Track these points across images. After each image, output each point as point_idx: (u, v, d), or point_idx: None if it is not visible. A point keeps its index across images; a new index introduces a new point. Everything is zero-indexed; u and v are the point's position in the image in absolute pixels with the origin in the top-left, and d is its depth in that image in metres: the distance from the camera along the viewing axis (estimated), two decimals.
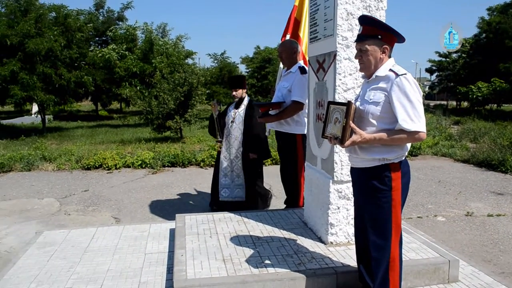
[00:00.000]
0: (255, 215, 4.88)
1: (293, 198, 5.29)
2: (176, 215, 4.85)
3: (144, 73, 19.99)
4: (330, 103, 2.99)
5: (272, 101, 5.30)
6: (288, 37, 5.82)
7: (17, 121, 24.57)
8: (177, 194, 7.17)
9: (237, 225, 4.55)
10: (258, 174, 5.80)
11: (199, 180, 8.18)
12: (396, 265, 2.91)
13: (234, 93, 5.78)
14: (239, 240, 4.13)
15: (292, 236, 4.23)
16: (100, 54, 21.07)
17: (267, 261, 3.62)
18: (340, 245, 3.92)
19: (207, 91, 18.01)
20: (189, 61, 25.24)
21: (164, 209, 6.36)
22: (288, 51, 5.13)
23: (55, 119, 25.90)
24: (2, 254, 4.74)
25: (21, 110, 27.48)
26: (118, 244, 4.53)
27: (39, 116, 20.01)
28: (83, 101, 31.26)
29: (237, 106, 5.83)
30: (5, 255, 4.73)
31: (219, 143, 5.92)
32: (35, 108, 23.59)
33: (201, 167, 9.32)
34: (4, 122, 23.84)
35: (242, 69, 34.22)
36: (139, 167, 9.12)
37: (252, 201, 5.67)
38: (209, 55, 28.55)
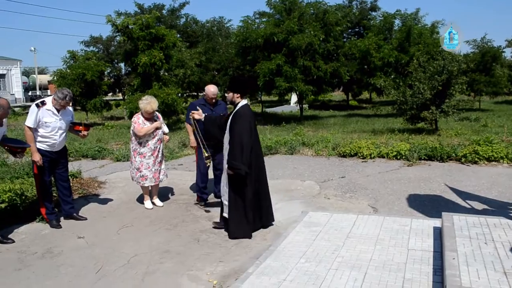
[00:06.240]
0: None
1: None
2: (443, 213, 4.48)
3: (399, 62, 19.53)
4: None
5: None
6: None
7: (278, 109, 27.55)
8: (437, 190, 6.69)
9: None
10: (237, 193, 4.94)
11: (460, 177, 7.46)
12: None
13: (226, 94, 5.13)
14: None
15: None
16: (360, 44, 21.61)
17: None
18: None
19: (467, 80, 16.33)
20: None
21: (423, 204, 6.02)
22: None
23: (310, 108, 27.94)
24: (272, 227, 5.31)
25: (281, 100, 30.66)
26: (379, 235, 4.49)
27: (297, 105, 21.94)
28: (335, 91, 32.75)
29: (232, 112, 5.12)
30: (275, 228, 5.28)
31: (208, 160, 5.82)
32: (294, 98, 25.97)
33: (462, 163, 8.47)
34: (268, 110, 27.09)
35: (507, 53, 29.65)
36: (394, 158, 8.91)
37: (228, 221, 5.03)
38: (467, 42, 25.70)
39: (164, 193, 6.87)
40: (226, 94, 5.46)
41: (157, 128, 6.12)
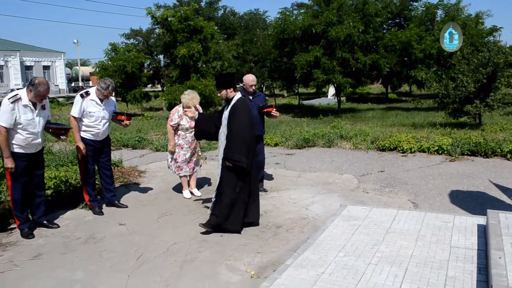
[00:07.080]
0: None
1: None
2: (488, 210, 4.33)
3: (441, 54, 18.94)
4: None
5: None
6: None
7: (315, 102, 27.30)
8: (480, 187, 6.46)
9: None
10: (229, 186, 4.83)
11: (505, 173, 7.17)
12: None
13: (219, 94, 5.17)
14: None
15: None
16: (400, 35, 21.10)
17: None
18: None
19: None
20: (490, 38, 22.50)
21: (466, 201, 5.83)
22: None
23: (348, 100, 27.54)
24: (310, 219, 5.29)
25: (318, 92, 30.39)
26: (420, 231, 4.38)
27: (335, 97, 21.69)
28: (374, 83, 32.18)
29: (227, 108, 5.00)
30: (312, 220, 5.25)
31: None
32: (331, 90, 25.69)
33: (508, 159, 8.14)
34: (305, 102, 26.90)
35: None
36: (435, 153, 8.65)
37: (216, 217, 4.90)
38: None
39: (202, 183, 6.96)
40: (219, 94, 5.24)
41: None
